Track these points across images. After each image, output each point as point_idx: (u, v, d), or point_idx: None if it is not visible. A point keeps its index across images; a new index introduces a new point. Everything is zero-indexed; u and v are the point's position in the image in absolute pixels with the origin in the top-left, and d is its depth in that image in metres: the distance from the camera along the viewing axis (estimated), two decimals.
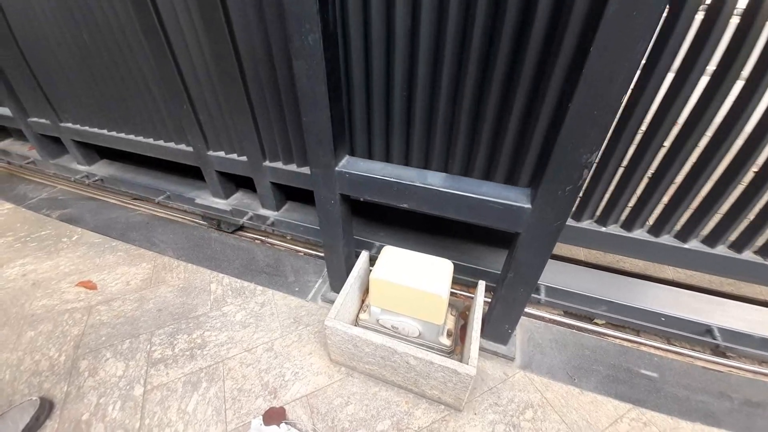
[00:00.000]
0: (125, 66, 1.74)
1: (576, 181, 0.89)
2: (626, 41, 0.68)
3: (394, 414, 1.26)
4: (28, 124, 2.46)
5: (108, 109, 2.02)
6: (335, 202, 1.28)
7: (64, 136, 2.38)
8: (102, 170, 2.51)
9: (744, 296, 1.62)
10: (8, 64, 2.18)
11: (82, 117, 2.20)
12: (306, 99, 1.05)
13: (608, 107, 0.76)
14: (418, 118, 1.21)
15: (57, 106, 2.24)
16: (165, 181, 2.34)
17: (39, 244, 2.09)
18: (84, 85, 1.97)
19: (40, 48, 1.97)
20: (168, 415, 1.28)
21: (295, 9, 0.89)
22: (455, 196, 1.08)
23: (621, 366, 1.41)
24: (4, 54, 2.13)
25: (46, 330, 1.59)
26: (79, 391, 1.36)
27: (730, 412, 1.26)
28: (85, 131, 2.24)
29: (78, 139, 2.35)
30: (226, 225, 2.14)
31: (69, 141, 2.42)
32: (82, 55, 1.84)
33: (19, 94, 2.34)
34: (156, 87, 1.73)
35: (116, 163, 2.61)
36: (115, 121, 2.06)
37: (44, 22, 1.85)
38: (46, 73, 2.09)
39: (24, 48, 2.04)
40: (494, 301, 1.34)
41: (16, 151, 2.87)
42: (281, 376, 1.38)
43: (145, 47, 1.58)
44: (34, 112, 2.41)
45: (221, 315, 1.63)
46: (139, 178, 2.40)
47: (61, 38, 1.84)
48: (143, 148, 2.08)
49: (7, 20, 1.98)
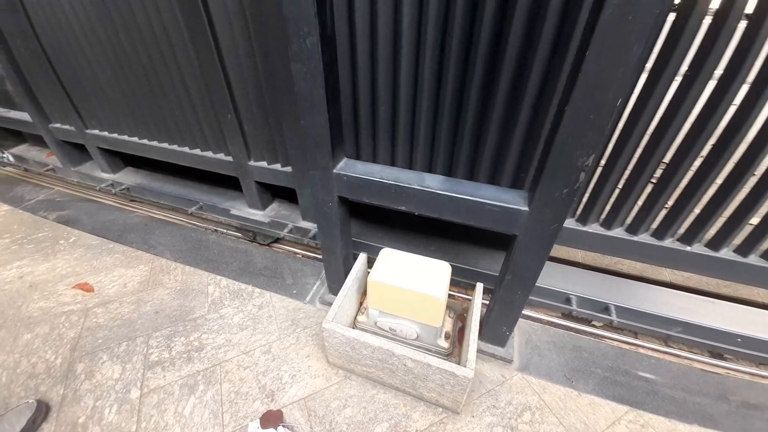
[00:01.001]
0: (165, 70, 1.65)
1: (573, 183, 0.89)
2: (622, 44, 0.68)
3: (391, 417, 1.26)
4: (50, 130, 2.36)
5: (140, 116, 1.91)
6: (333, 205, 1.28)
7: (90, 143, 2.27)
8: (128, 179, 2.42)
9: (742, 298, 1.62)
10: (29, 65, 2.07)
11: (110, 123, 2.08)
12: (304, 102, 1.05)
13: (604, 110, 0.77)
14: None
15: (83, 111, 2.13)
16: (196, 191, 2.25)
17: (36, 246, 2.08)
18: (116, 89, 1.86)
19: (67, 48, 1.84)
20: (165, 418, 1.27)
21: (293, 12, 0.89)
22: (453, 199, 1.08)
23: (619, 368, 1.41)
24: (24, 53, 2.01)
25: (42, 332, 1.58)
26: (76, 393, 1.35)
27: (728, 415, 1.27)
28: (113, 139, 2.12)
29: (105, 146, 2.24)
30: (262, 237, 2.04)
31: (94, 148, 2.31)
32: (117, 57, 1.73)
33: (40, 98, 2.23)
34: (197, 94, 1.64)
35: (142, 171, 2.51)
36: (147, 128, 1.96)
37: (73, 19, 1.70)
38: (72, 76, 1.96)
39: (47, 47, 1.92)
40: (492, 303, 1.34)
41: (33, 157, 2.77)
42: (279, 379, 1.37)
43: (191, 51, 1.50)
44: (56, 118, 2.31)
45: (219, 317, 1.63)
46: (168, 188, 2.30)
47: (93, 38, 1.71)
48: (177, 157, 1.97)
49: (28, 15, 1.84)
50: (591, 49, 0.71)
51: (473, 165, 1.24)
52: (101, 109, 2.03)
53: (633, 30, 0.66)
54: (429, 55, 1.09)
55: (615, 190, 1.22)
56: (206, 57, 1.46)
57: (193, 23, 1.39)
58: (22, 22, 1.86)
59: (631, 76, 0.71)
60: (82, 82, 1.95)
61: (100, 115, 2.07)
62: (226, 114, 1.58)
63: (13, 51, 2.02)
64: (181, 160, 1.98)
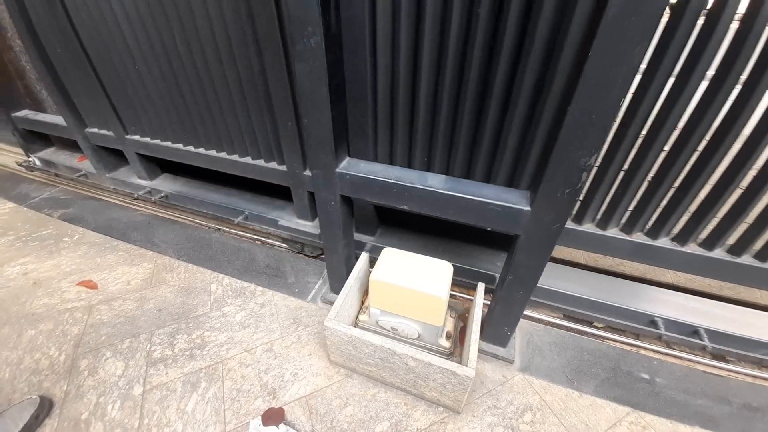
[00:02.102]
0: (221, 75, 1.52)
1: (575, 183, 0.90)
2: (625, 45, 0.69)
3: (392, 415, 1.26)
4: (86, 135, 2.24)
5: (188, 122, 1.79)
6: (335, 204, 1.28)
7: (129, 149, 2.15)
8: (166, 186, 2.30)
9: (743, 300, 1.62)
10: (67, 67, 1.93)
11: (153, 129, 1.96)
12: (307, 101, 1.06)
13: (607, 110, 0.77)
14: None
15: (125, 116, 2.00)
16: (240, 200, 2.14)
17: (40, 244, 2.10)
18: (164, 94, 1.73)
19: (112, 49, 1.70)
20: (167, 414, 1.28)
21: (298, 13, 0.90)
22: (455, 198, 1.09)
23: (620, 369, 1.40)
24: (62, 55, 1.87)
25: (46, 329, 1.59)
26: (79, 390, 1.36)
27: (730, 417, 1.26)
28: (155, 145, 1.99)
29: (145, 153, 2.11)
30: (310, 249, 1.96)
31: (133, 154, 2.18)
32: (168, 60, 1.59)
33: (77, 102, 2.11)
34: (254, 100, 1.52)
35: (180, 177, 2.39)
36: (195, 135, 1.83)
37: (121, 17, 1.55)
38: (116, 79, 1.82)
39: (90, 48, 1.77)
40: (493, 303, 1.34)
41: (62, 162, 2.64)
42: (280, 377, 1.38)
43: (252, 55, 1.38)
44: (93, 122, 2.19)
45: (221, 315, 1.63)
46: (211, 196, 2.18)
47: (143, 39, 1.58)
48: (225, 166, 1.85)
49: (68, 13, 1.68)
50: (594, 49, 0.71)
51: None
52: (145, 114, 1.90)
53: (636, 30, 0.67)
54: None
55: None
56: (273, 62, 1.36)
57: (262, 25, 1.28)
58: (60, 20, 1.71)
59: (633, 75, 0.71)
60: (126, 86, 1.82)
61: (143, 121, 1.95)
62: (287, 122, 1.46)
63: (48, 52, 1.92)
64: (229, 168, 1.85)
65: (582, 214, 1.28)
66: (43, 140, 2.82)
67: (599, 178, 1.18)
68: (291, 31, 0.95)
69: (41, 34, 1.86)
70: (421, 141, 1.28)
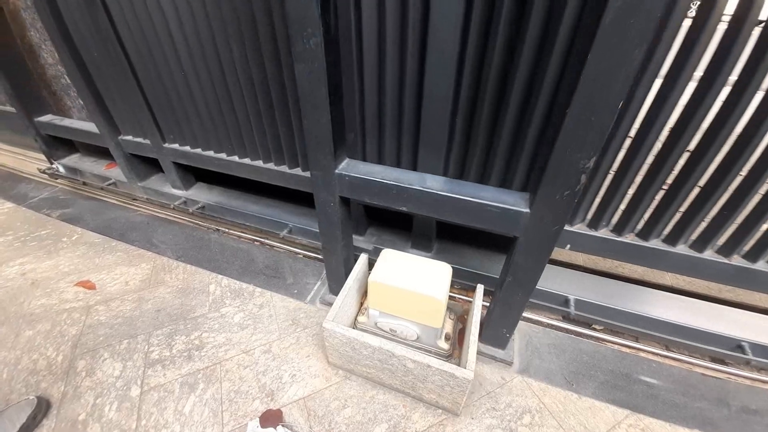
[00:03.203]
0: (278, 84, 1.37)
1: (574, 185, 0.89)
2: (623, 47, 0.69)
3: (391, 417, 1.26)
4: (119, 142, 2.11)
5: (236, 132, 1.65)
6: (334, 205, 1.28)
7: (166, 157, 2.02)
8: (202, 196, 2.18)
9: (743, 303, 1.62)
10: (103, 73, 1.80)
11: (195, 138, 1.82)
12: (307, 101, 1.06)
13: (606, 112, 0.77)
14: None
15: (164, 124, 1.87)
16: (282, 211, 2.02)
17: (39, 244, 2.09)
18: (213, 103, 1.59)
19: (158, 54, 1.56)
20: (164, 416, 1.28)
21: (297, 13, 0.90)
22: (454, 200, 1.09)
23: (619, 372, 1.40)
24: (99, 58, 1.73)
25: (44, 329, 1.59)
26: (76, 390, 1.36)
27: (728, 419, 1.26)
28: (196, 155, 1.85)
29: (184, 162, 1.97)
30: None
31: (169, 163, 2.06)
32: (220, 68, 1.45)
33: (111, 108, 1.98)
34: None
35: (215, 187, 2.26)
36: (241, 144, 1.70)
37: (172, 19, 1.41)
38: (159, 86, 1.68)
39: (132, 52, 1.63)
40: (492, 305, 1.34)
41: (89, 169, 2.51)
42: (278, 379, 1.38)
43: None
44: (128, 130, 2.05)
45: (219, 316, 1.63)
46: (251, 207, 2.06)
47: (195, 43, 1.43)
48: (273, 177, 1.70)
49: (110, 13, 1.54)
50: (593, 51, 0.71)
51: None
52: (187, 122, 1.76)
53: (635, 33, 0.67)
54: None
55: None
56: (344, 69, 1.20)
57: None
58: (100, 21, 1.57)
59: (632, 77, 0.71)
60: (168, 93, 1.68)
61: (185, 129, 1.81)
62: (350, 133, 1.32)
63: (83, 55, 1.79)
64: (277, 180, 1.70)
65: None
66: (66, 146, 2.67)
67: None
68: (290, 31, 0.94)
69: (75, 36, 1.73)
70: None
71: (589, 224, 1.29)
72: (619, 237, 1.26)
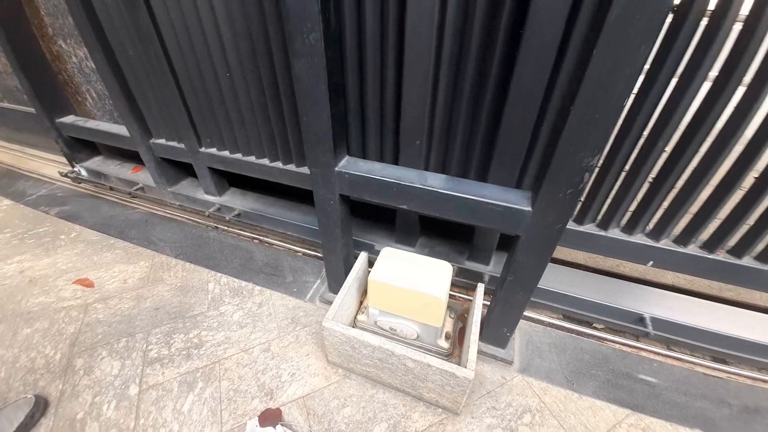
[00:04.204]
0: None
1: (577, 184, 0.88)
2: (629, 45, 0.67)
3: (390, 417, 1.25)
4: (150, 146, 2.00)
5: (282, 137, 1.55)
6: (334, 203, 1.27)
7: (200, 162, 1.92)
8: (237, 202, 2.07)
9: (744, 302, 1.61)
10: (138, 74, 1.69)
11: (234, 143, 1.72)
12: (306, 98, 1.04)
13: (610, 110, 0.76)
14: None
15: (201, 128, 1.76)
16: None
17: (37, 241, 2.08)
18: (258, 107, 1.49)
19: (202, 55, 1.45)
20: (163, 415, 1.27)
21: (297, 8, 0.89)
22: (455, 198, 1.08)
23: (620, 371, 1.40)
24: (136, 60, 1.63)
25: (42, 327, 1.58)
26: (74, 389, 1.35)
27: (729, 419, 1.26)
28: (235, 160, 1.75)
29: (220, 167, 1.86)
30: None
31: (204, 168, 1.95)
32: (272, 69, 1.35)
33: (145, 111, 1.88)
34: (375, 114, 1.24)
35: (249, 193, 2.15)
36: (285, 151, 1.60)
37: (222, 18, 1.31)
38: (200, 89, 1.57)
39: (174, 54, 1.52)
40: (493, 304, 1.33)
41: (114, 173, 2.39)
42: (278, 377, 1.37)
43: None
44: (161, 133, 1.95)
45: (218, 315, 1.62)
46: (289, 214, 1.94)
47: (245, 43, 1.33)
48: None
49: (153, 13, 1.44)
50: (597, 49, 0.70)
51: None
52: (228, 127, 1.66)
53: (640, 30, 0.65)
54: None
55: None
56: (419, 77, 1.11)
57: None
58: (142, 19, 1.46)
59: (637, 75, 0.70)
60: (210, 96, 1.58)
61: (225, 134, 1.71)
62: (415, 140, 1.21)
63: (117, 55, 1.69)
64: None
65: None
66: (89, 148, 2.54)
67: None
68: (289, 27, 0.93)
69: (110, 34, 1.62)
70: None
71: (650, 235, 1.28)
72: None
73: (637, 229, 1.24)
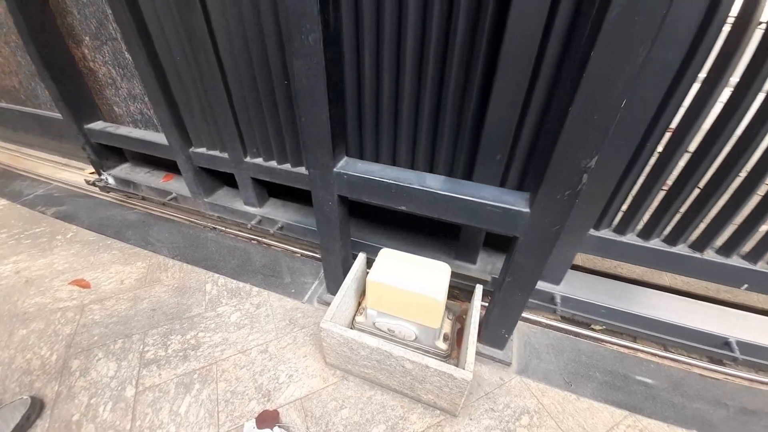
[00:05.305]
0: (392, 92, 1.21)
1: (575, 185, 0.88)
2: (628, 45, 0.67)
3: (389, 418, 1.25)
4: (189, 155, 1.92)
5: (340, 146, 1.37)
6: (333, 204, 1.27)
7: (244, 172, 1.84)
8: (278, 213, 1.99)
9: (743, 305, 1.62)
10: (183, 79, 1.62)
11: (283, 153, 1.67)
12: (305, 99, 1.04)
13: (609, 111, 0.76)
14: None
15: (249, 138, 1.69)
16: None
17: (33, 241, 2.07)
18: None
19: (261, 63, 1.39)
20: (159, 416, 1.26)
21: (296, 8, 0.89)
22: (453, 199, 1.08)
23: (618, 372, 1.40)
24: (184, 67, 1.56)
25: (38, 328, 1.57)
26: (70, 391, 1.34)
27: (727, 420, 1.26)
28: (283, 171, 1.69)
29: (266, 179, 1.79)
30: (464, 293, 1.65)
31: (247, 179, 1.88)
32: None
33: (187, 119, 1.80)
34: (451, 121, 1.19)
35: (289, 203, 2.07)
36: None
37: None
38: (253, 97, 1.51)
39: (226, 58, 1.44)
40: (491, 305, 1.33)
41: (144, 181, 2.30)
42: (275, 379, 1.36)
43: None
44: (202, 142, 1.87)
45: (216, 316, 1.61)
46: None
47: None
48: None
49: (207, 12, 1.35)
50: (596, 49, 0.70)
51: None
52: (277, 137, 1.61)
53: (639, 30, 0.65)
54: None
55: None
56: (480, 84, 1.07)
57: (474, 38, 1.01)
58: (196, 23, 1.39)
59: (636, 75, 0.70)
60: (262, 106, 1.52)
61: (275, 144, 1.65)
62: (495, 155, 1.15)
63: (162, 60, 1.60)
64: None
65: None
66: (116, 155, 2.45)
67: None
68: (288, 27, 0.93)
69: (156, 37, 1.54)
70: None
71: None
72: None
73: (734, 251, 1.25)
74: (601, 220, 1.31)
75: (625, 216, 1.30)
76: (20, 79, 2.49)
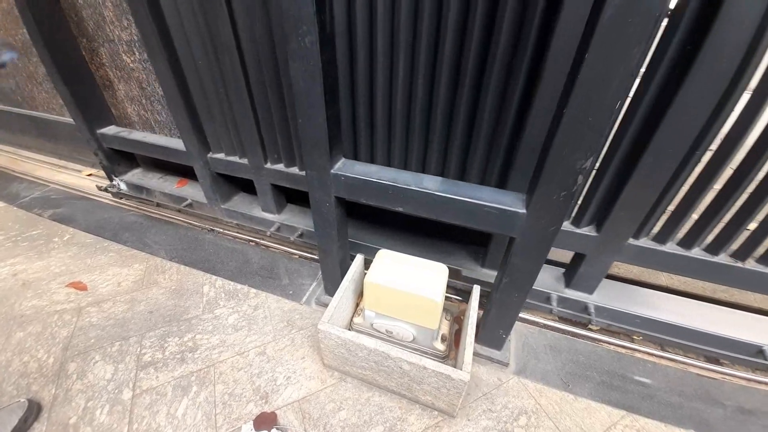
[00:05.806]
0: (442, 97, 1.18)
1: (571, 186, 0.89)
2: (622, 46, 0.68)
3: (387, 420, 1.25)
4: (207, 161, 1.87)
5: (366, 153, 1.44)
6: (330, 205, 1.27)
7: (263, 179, 1.81)
8: (296, 220, 1.94)
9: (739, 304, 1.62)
10: (204, 84, 1.58)
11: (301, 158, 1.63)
12: (302, 101, 1.04)
13: (604, 112, 0.76)
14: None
15: (270, 144, 1.66)
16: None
17: (30, 244, 2.06)
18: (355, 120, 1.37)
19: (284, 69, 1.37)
20: (157, 419, 1.26)
21: (293, 11, 0.89)
22: (451, 200, 1.08)
23: (615, 372, 1.40)
24: (206, 71, 1.52)
25: (35, 331, 1.56)
26: (67, 394, 1.34)
27: (724, 420, 1.26)
28: (303, 177, 1.65)
29: (288, 185, 1.76)
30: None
31: (266, 185, 1.83)
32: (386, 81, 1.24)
33: (207, 125, 1.75)
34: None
35: (308, 209, 2.00)
36: None
37: None
38: (277, 104, 1.48)
39: (251, 66, 1.42)
40: (489, 306, 1.33)
41: (157, 187, 2.24)
42: (273, 381, 1.36)
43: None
44: (220, 148, 1.82)
45: (213, 318, 1.61)
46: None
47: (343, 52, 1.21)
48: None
49: (233, 16, 1.32)
50: (590, 50, 0.70)
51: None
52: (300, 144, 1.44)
53: (633, 31, 0.66)
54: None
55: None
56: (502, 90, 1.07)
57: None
58: (222, 26, 1.35)
59: (630, 76, 0.71)
60: (287, 112, 1.50)
61: (298, 151, 1.63)
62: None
63: (182, 64, 1.56)
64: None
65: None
66: (127, 160, 2.39)
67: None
68: (285, 29, 0.93)
69: (178, 40, 1.49)
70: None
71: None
72: None
73: None
74: (641, 229, 1.27)
75: (666, 225, 1.27)
76: (17, 81, 2.49)
